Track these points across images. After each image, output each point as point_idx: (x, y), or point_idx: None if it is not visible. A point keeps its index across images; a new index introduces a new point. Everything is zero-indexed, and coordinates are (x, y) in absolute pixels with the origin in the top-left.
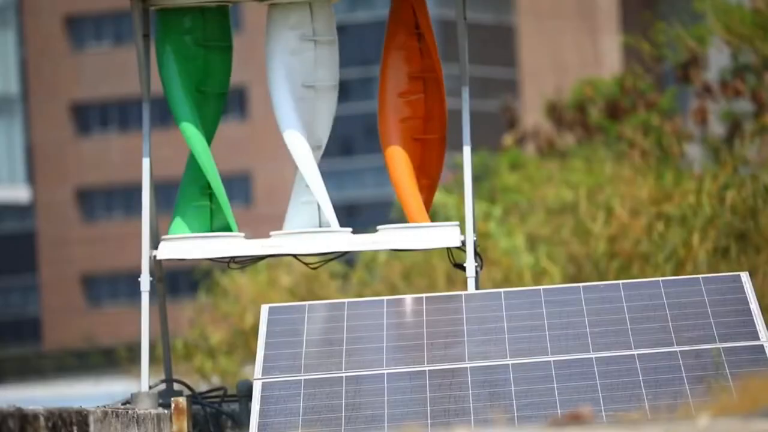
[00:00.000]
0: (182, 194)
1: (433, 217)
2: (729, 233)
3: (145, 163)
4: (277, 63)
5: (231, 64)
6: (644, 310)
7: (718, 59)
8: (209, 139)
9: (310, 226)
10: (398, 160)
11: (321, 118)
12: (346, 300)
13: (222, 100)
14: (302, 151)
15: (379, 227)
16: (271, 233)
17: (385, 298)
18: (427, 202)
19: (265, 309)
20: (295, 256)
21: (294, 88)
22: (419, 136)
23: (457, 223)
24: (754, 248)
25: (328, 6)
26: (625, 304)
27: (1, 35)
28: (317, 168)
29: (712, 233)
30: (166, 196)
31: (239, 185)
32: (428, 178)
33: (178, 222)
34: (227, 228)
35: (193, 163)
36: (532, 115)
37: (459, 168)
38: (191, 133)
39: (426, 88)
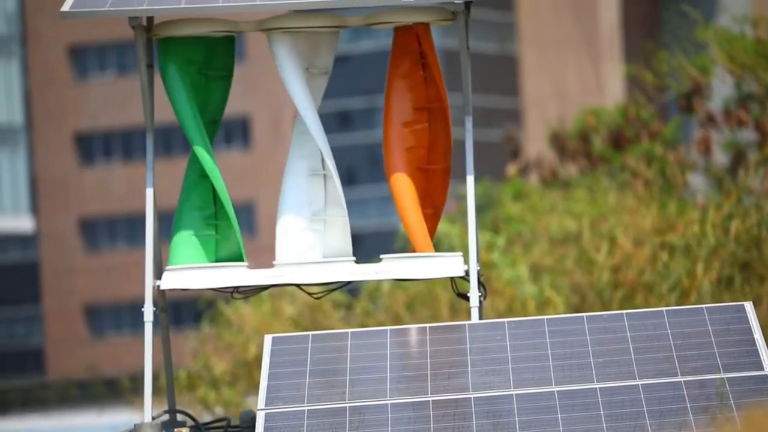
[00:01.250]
0: (182, 223)
1: (437, 246)
2: (733, 263)
3: (149, 193)
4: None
5: (228, 93)
6: (648, 340)
7: (721, 89)
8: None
9: (313, 255)
10: (404, 190)
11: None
12: (349, 330)
13: (216, 128)
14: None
15: (382, 257)
16: (275, 263)
17: (388, 328)
18: (431, 231)
19: (268, 339)
20: (298, 285)
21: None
22: (424, 165)
23: (461, 253)
24: (758, 278)
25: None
26: (628, 334)
27: (6, 66)
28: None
29: (716, 263)
30: (170, 226)
31: (243, 215)
32: (432, 207)
33: (180, 252)
34: (233, 258)
35: (193, 190)
36: (536, 145)
37: (462, 198)
38: (208, 159)
39: (431, 117)
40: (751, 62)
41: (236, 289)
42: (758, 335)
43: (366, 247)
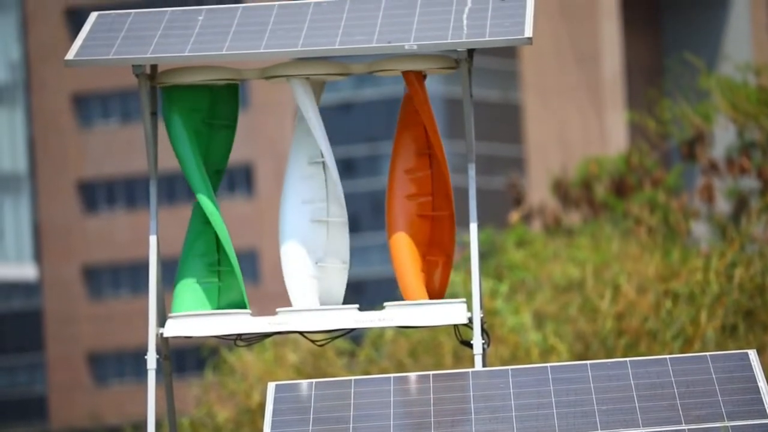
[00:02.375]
0: (186, 271)
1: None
2: (737, 311)
3: (153, 240)
4: None
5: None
6: (652, 388)
7: (723, 136)
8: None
9: (316, 303)
10: (400, 238)
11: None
12: (352, 378)
13: (219, 177)
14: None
15: (386, 304)
16: (278, 310)
17: (391, 375)
18: (444, 278)
19: (271, 387)
20: (301, 333)
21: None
22: (428, 213)
23: (464, 300)
24: (761, 326)
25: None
26: (632, 381)
27: (10, 113)
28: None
29: (720, 311)
30: (173, 273)
31: (246, 262)
32: (444, 254)
33: (183, 299)
34: (236, 305)
35: (197, 238)
36: (539, 192)
37: (466, 245)
38: (211, 207)
39: (432, 164)
40: (754, 110)
41: (239, 337)
42: (762, 383)
43: (369, 294)
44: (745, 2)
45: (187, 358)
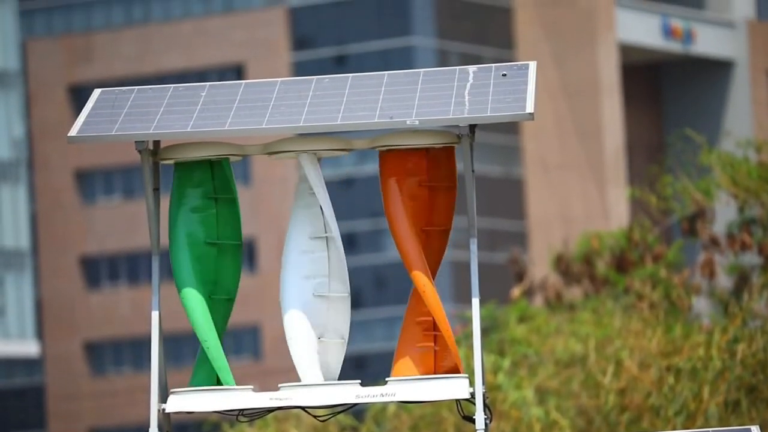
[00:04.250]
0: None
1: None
2: (739, 387)
3: (155, 316)
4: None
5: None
6: None
7: (724, 212)
8: (233, 291)
9: (319, 378)
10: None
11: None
12: None
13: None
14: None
15: (388, 379)
16: (280, 385)
17: None
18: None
19: None
20: (303, 408)
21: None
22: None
23: (466, 375)
24: (764, 402)
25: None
26: None
27: (13, 190)
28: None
29: (723, 387)
30: (176, 349)
31: (248, 337)
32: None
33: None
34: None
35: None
36: (541, 267)
37: (468, 320)
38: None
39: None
40: (755, 186)
41: (241, 412)
42: None
43: (371, 369)
44: (746, 79)
45: None
